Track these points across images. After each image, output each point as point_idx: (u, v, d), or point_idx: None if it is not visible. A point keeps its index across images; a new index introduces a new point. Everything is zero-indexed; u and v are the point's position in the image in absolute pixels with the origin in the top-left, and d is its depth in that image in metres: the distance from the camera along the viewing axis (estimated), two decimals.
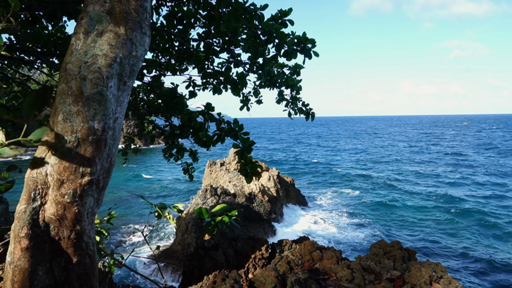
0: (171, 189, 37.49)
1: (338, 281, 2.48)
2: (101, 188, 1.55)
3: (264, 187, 22.60)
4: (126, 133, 10.78)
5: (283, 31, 4.07)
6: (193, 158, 5.67)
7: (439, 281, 2.42)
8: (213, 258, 3.19)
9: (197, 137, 5.13)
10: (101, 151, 1.45)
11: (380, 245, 3.11)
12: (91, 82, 1.41)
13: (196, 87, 5.44)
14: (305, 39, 4.08)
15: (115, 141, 1.53)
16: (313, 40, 4.08)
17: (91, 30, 1.50)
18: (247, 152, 4.13)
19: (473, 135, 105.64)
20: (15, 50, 4.41)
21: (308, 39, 4.09)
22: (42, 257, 1.40)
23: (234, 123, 4.74)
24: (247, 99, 5.45)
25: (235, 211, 2.63)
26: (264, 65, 4.69)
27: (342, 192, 35.01)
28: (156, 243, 20.90)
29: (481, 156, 55.90)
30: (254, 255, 3.12)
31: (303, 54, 4.19)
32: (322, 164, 53.64)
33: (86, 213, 1.48)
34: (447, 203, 29.34)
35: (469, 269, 17.20)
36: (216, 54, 4.79)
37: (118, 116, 1.53)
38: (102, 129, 1.43)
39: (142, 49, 1.62)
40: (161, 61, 5.49)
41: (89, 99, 1.40)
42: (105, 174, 1.56)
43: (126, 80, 1.55)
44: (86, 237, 1.49)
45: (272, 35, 4.05)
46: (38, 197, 1.41)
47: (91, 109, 1.40)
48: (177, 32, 4.58)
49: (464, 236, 21.95)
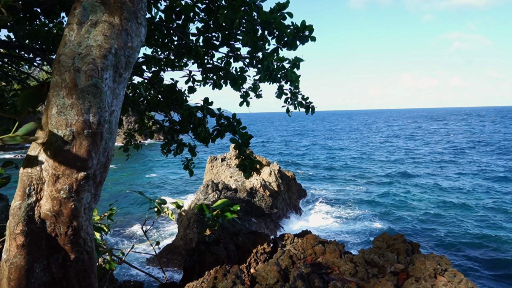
0: (171, 185, 37.44)
1: (341, 275, 2.44)
2: (98, 183, 1.50)
3: (265, 182, 22.59)
4: (127, 129, 10.83)
5: (282, 22, 4.03)
6: (192, 153, 5.62)
7: (443, 274, 2.37)
8: (214, 253, 3.15)
9: (196, 133, 5.09)
10: (97, 145, 1.40)
11: (383, 238, 3.05)
12: (86, 74, 1.35)
13: (195, 82, 5.39)
14: (303, 27, 4.03)
15: (111, 134, 1.48)
16: (311, 26, 4.03)
17: (85, 20, 1.44)
18: (245, 146, 4.09)
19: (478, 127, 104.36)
20: (14, 47, 4.34)
21: (306, 26, 4.04)
22: (38, 254, 1.36)
23: (233, 118, 4.70)
24: (247, 94, 5.39)
25: (237, 206, 2.59)
26: (264, 59, 4.64)
27: (343, 186, 34.67)
28: (158, 239, 20.91)
29: (483, 151, 55.49)
30: (256, 250, 3.08)
31: (301, 42, 4.15)
32: (324, 158, 53.49)
33: (83, 209, 1.43)
34: (450, 197, 28.95)
35: (473, 262, 16.95)
36: (215, 49, 4.74)
37: (114, 109, 1.47)
38: (97, 122, 1.38)
39: (138, 40, 1.56)
40: (160, 57, 5.44)
41: (84, 92, 1.34)
42: (102, 169, 1.51)
43: (122, 72, 1.49)
44: (84, 233, 1.45)
45: (271, 25, 3.99)
46: (33, 192, 1.36)
47: (86, 101, 1.35)
48: (176, 26, 4.52)
49: (468, 229, 21.61)
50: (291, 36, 4.12)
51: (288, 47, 4.16)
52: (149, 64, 5.33)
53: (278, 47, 4.32)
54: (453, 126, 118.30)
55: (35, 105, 1.34)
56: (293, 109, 5.27)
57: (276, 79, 4.84)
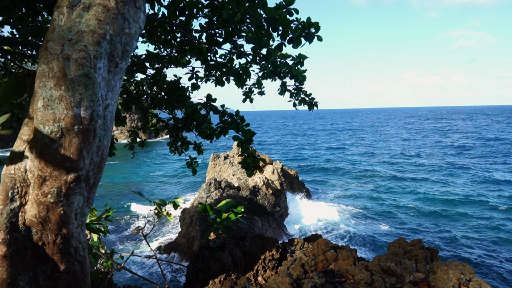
0: (174, 183, 37.05)
1: (356, 285, 2.24)
2: (91, 185, 1.32)
3: (268, 180, 22.40)
4: (130, 127, 10.53)
5: (287, 17, 3.90)
6: (198, 151, 5.54)
7: (468, 285, 2.16)
8: (219, 260, 2.96)
9: (200, 130, 4.98)
10: (89, 142, 1.21)
11: (399, 243, 2.84)
12: (76, 63, 1.17)
13: (198, 79, 5.28)
14: (309, 24, 3.89)
15: (106, 131, 1.29)
16: (317, 23, 3.87)
17: (77, 3, 1.26)
18: (248, 143, 3.95)
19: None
20: (17, 44, 4.24)
21: (312, 23, 3.90)
22: (23, 266, 1.18)
23: (236, 115, 4.57)
24: (250, 91, 5.31)
25: (241, 207, 2.41)
26: (269, 55, 4.54)
27: (347, 185, 33.81)
28: (160, 236, 20.58)
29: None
30: (263, 256, 2.89)
31: (307, 40, 4.02)
32: (326, 157, 52.86)
33: (73, 214, 1.25)
34: (459, 198, 27.54)
35: (496, 270, 15.21)
36: (218, 45, 4.63)
37: (109, 103, 1.28)
38: (89, 117, 1.19)
39: (136, 26, 1.38)
40: (163, 54, 5.34)
41: (74, 82, 1.16)
42: (96, 170, 1.32)
43: (118, 61, 1.31)
44: (75, 241, 1.27)
45: (276, 21, 3.87)
46: (17, 196, 1.18)
47: (76, 93, 1.16)
48: (179, 23, 4.44)
49: (486, 232, 19.83)
50: (297, 33, 4.00)
51: (293, 44, 4.03)
52: (152, 61, 5.25)
53: (282, 43, 4.21)
54: (462, 124, 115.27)
55: (19, 97, 1.16)
56: (297, 105, 5.19)
57: (280, 76, 4.75)
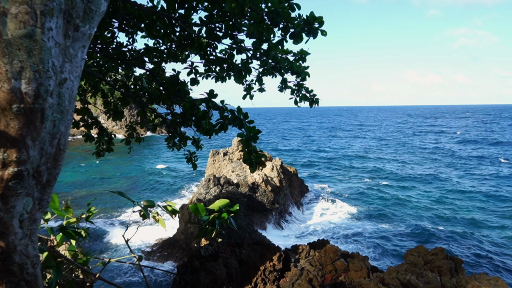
0: (172, 179, 35.83)
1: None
2: (44, 183, 0.99)
3: (267, 177, 22.08)
4: (129, 122, 10.38)
5: (289, 13, 3.67)
6: (196, 146, 5.35)
7: None
8: (211, 272, 2.64)
9: (199, 125, 4.75)
10: (35, 127, 0.88)
11: (418, 252, 2.51)
12: (16, 19, 0.83)
13: (198, 75, 5.02)
14: (313, 18, 3.62)
15: (63, 114, 0.95)
16: (321, 18, 3.60)
17: None
18: (253, 140, 3.67)
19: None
20: None
21: (316, 18, 3.63)
22: None
23: (238, 111, 4.30)
24: (250, 87, 5.08)
25: (237, 206, 2.09)
26: (270, 50, 4.30)
27: (347, 183, 33.05)
28: (157, 232, 19.36)
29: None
30: (263, 267, 2.59)
31: (311, 35, 3.76)
32: (326, 154, 52.23)
33: (17, 221, 0.93)
34: (463, 197, 26.41)
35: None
36: (218, 40, 4.37)
37: (66, 77, 0.95)
38: (34, 93, 0.86)
39: None
40: (162, 48, 5.12)
41: (12, 45, 0.82)
42: (51, 163, 0.99)
43: (79, 23, 0.97)
44: (19, 256, 0.94)
45: (278, 15, 3.61)
46: None
47: (15, 60, 0.82)
48: (179, 16, 4.20)
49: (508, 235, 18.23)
50: (299, 28, 3.75)
51: (295, 39, 3.77)
52: (151, 56, 5.04)
53: (283, 38, 3.98)
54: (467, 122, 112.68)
55: None
56: (298, 102, 4.95)
57: (280, 72, 4.52)
